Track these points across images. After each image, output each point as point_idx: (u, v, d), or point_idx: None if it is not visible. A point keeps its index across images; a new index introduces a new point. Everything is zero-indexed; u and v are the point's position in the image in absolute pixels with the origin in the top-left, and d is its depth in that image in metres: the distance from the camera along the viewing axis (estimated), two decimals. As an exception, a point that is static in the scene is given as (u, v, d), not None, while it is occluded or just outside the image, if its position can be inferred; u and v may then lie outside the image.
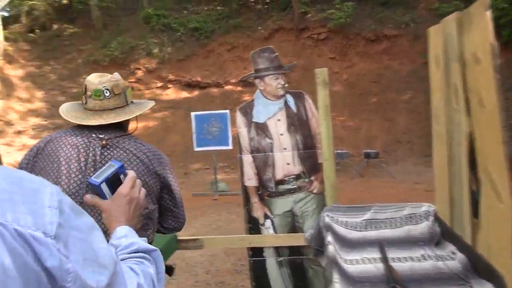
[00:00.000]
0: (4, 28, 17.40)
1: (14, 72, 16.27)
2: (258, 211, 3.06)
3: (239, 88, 15.29)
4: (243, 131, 3.09)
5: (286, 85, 3.08)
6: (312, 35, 15.94)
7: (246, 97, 11.52)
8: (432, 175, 1.82)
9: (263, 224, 3.06)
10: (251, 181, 3.06)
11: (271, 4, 17.66)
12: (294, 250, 3.06)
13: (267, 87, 3.07)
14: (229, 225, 6.01)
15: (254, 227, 3.07)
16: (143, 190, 1.08)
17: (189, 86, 16.17)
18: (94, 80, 1.63)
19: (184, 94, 15.92)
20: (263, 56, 3.11)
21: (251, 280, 3.06)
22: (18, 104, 15.43)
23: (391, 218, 2.80)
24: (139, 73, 16.56)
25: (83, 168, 1.54)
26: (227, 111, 8.89)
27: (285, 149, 3.03)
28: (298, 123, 3.00)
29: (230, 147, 8.64)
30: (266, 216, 3.05)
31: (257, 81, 3.10)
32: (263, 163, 3.04)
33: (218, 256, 4.58)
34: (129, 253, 0.89)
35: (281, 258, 3.08)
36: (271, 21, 16.71)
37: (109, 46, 16.92)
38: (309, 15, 16.25)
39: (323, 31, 15.75)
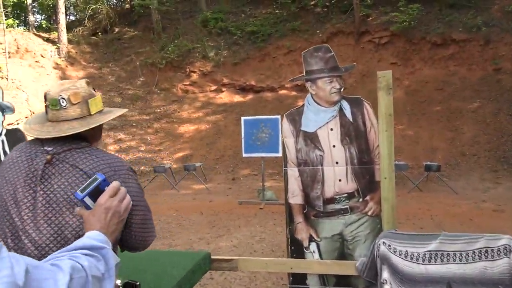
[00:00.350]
0: (69, 31, 18.19)
1: (75, 74, 16.93)
2: (302, 233, 2.68)
3: (293, 93, 14.94)
4: (289, 140, 2.72)
5: (342, 90, 2.67)
6: (373, 39, 15.34)
7: (301, 103, 11.17)
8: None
9: (307, 248, 2.69)
10: (296, 198, 2.69)
11: (331, 7, 17.18)
12: (342, 280, 2.68)
13: (319, 91, 2.68)
14: (274, 238, 5.65)
15: (296, 250, 2.70)
16: (127, 198, 1.17)
17: (243, 90, 16.05)
18: (54, 88, 1.47)
19: (238, 98, 15.81)
20: (317, 56, 2.71)
21: (291, 311, 2.70)
22: (77, 104, 15.99)
23: (461, 251, 2.33)
24: (194, 76, 16.67)
25: (22, 185, 1.36)
26: (278, 116, 8.56)
27: (337, 163, 2.62)
28: (354, 134, 2.59)
29: (279, 154, 8.31)
30: (311, 239, 2.67)
31: (308, 84, 2.72)
32: (311, 178, 2.66)
33: (260, 272, 4.24)
34: (69, 251, 0.94)
35: (327, 288, 2.69)
36: (330, 24, 16.26)
37: (166, 49, 17.18)
38: (371, 18, 15.64)
39: (385, 34, 15.10)
